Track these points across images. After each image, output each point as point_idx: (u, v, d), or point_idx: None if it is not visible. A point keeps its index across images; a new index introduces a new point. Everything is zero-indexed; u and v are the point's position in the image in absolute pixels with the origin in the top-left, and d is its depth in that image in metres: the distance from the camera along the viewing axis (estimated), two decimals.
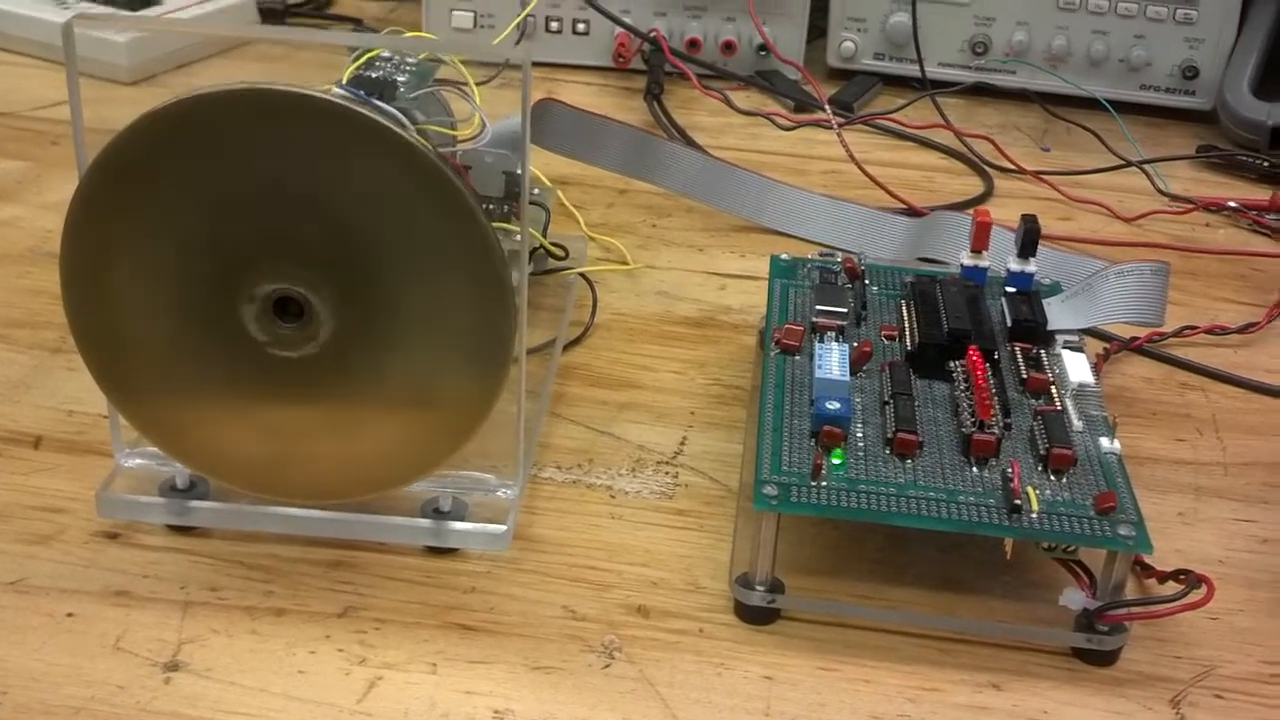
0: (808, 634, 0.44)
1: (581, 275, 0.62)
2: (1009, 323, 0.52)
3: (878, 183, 0.74)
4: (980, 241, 0.54)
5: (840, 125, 0.77)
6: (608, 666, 0.42)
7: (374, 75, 0.48)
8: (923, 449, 0.45)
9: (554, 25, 0.91)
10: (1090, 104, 0.85)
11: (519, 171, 0.50)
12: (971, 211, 0.55)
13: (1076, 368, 0.49)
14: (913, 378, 0.48)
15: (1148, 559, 0.45)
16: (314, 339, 0.42)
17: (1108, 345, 0.60)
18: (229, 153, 0.40)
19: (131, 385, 0.44)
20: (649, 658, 0.42)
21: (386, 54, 0.50)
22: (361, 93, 0.45)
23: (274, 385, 0.43)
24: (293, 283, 0.41)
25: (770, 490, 0.43)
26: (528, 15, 0.89)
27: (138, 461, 0.47)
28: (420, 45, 0.51)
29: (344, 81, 0.47)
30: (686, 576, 0.46)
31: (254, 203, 0.41)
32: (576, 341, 0.59)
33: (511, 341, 0.42)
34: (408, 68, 0.49)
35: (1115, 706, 0.42)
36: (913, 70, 0.88)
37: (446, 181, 0.40)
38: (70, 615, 0.43)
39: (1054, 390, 0.48)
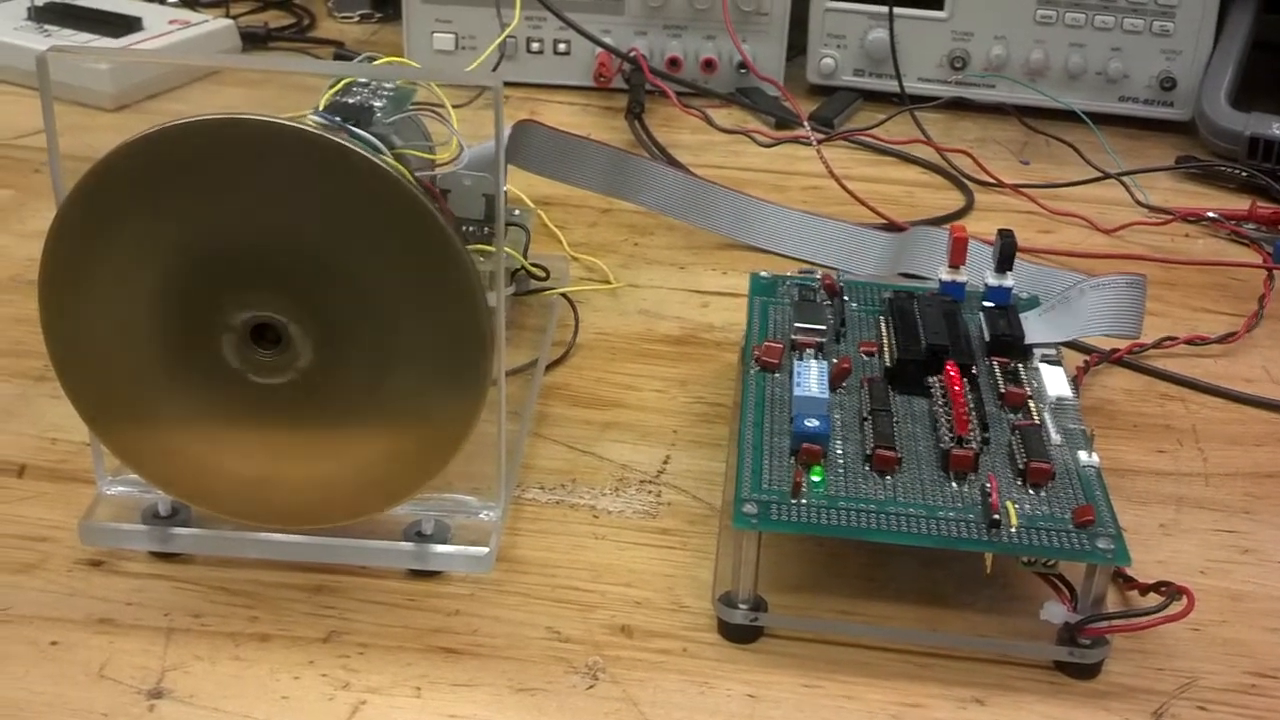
0: (791, 651, 0.44)
1: (563, 295, 0.62)
2: (987, 337, 0.52)
3: (858, 198, 0.74)
4: (957, 256, 0.55)
5: (820, 142, 0.78)
6: (592, 687, 0.42)
7: (350, 101, 0.48)
8: (902, 465, 0.45)
9: (535, 46, 0.91)
10: (1069, 117, 0.86)
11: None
12: (949, 227, 0.56)
13: (1054, 381, 0.50)
14: (891, 394, 0.49)
15: (1129, 571, 0.45)
16: (292, 365, 0.42)
17: (1088, 358, 0.60)
18: (203, 181, 0.40)
19: (112, 413, 0.44)
20: (633, 678, 0.42)
21: (363, 80, 0.50)
22: (337, 119, 0.46)
23: (254, 412, 0.43)
24: (270, 310, 0.41)
25: (750, 509, 0.43)
26: (508, 37, 0.90)
27: (120, 489, 0.47)
28: (396, 72, 0.52)
29: (320, 108, 0.47)
30: (670, 596, 0.46)
31: (230, 230, 0.41)
32: (559, 361, 0.60)
33: (489, 364, 0.42)
34: (385, 93, 0.50)
35: (1098, 719, 0.42)
36: (892, 86, 0.89)
37: (420, 206, 0.40)
38: (54, 644, 0.43)
39: (1032, 404, 0.48)
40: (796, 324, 0.52)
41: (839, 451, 0.46)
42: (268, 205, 0.40)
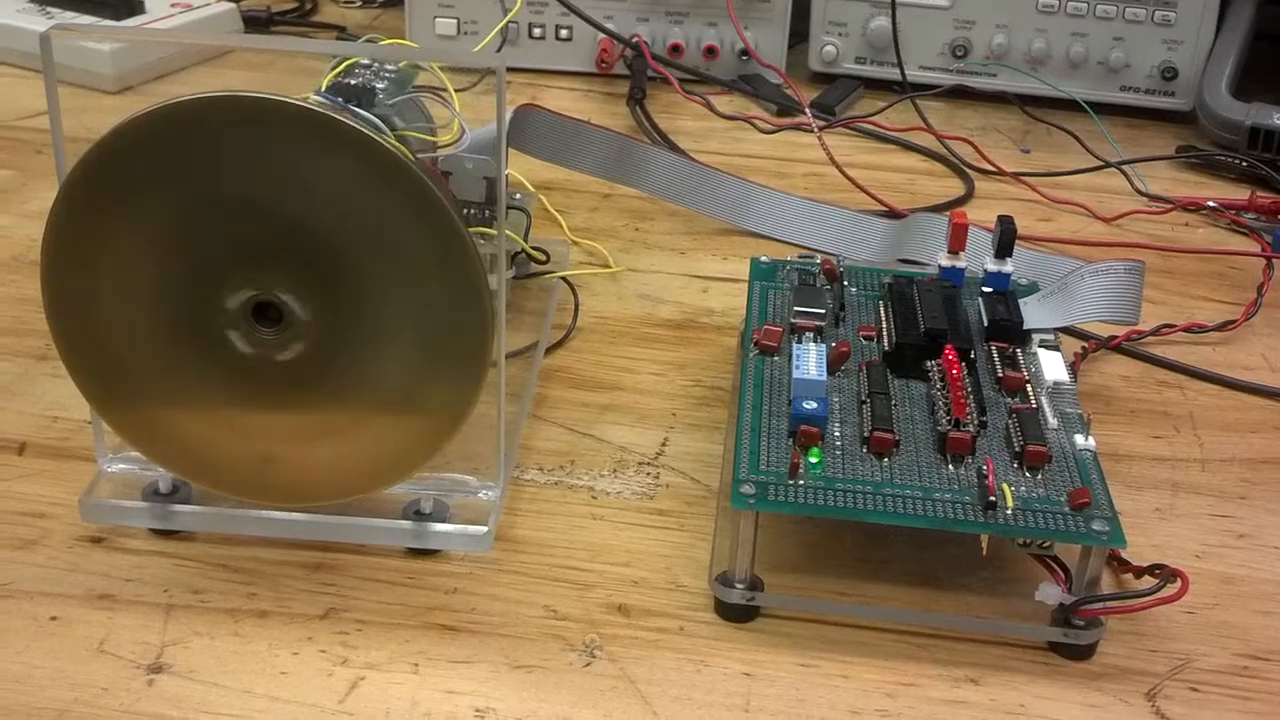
0: (787, 631, 0.44)
1: (564, 279, 0.63)
2: (985, 322, 0.52)
3: (859, 185, 0.74)
4: (957, 242, 0.55)
5: (821, 129, 0.78)
6: (589, 665, 0.42)
7: (353, 82, 0.48)
8: (899, 447, 0.45)
9: (537, 31, 0.91)
10: (1070, 106, 0.86)
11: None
12: (949, 213, 0.56)
13: (1052, 366, 0.50)
14: (890, 377, 0.49)
15: (1124, 554, 0.45)
16: (293, 344, 0.42)
17: (1086, 344, 0.60)
18: (206, 159, 0.40)
19: (113, 391, 0.44)
20: (629, 656, 0.43)
21: (366, 61, 0.50)
22: (339, 99, 0.46)
23: (255, 390, 0.43)
24: (271, 288, 0.42)
25: (748, 489, 0.43)
26: (510, 21, 0.90)
27: (121, 466, 0.47)
28: (399, 53, 0.52)
29: (322, 89, 0.47)
30: (667, 575, 0.46)
31: (232, 208, 0.41)
32: (559, 344, 0.60)
33: (490, 345, 0.43)
34: (387, 74, 0.50)
35: (1091, 700, 0.42)
36: (894, 74, 0.89)
37: (423, 187, 0.40)
38: (54, 619, 0.43)
39: (1029, 388, 0.48)
40: (796, 308, 0.52)
41: (836, 434, 0.46)
42: (269, 184, 0.41)
